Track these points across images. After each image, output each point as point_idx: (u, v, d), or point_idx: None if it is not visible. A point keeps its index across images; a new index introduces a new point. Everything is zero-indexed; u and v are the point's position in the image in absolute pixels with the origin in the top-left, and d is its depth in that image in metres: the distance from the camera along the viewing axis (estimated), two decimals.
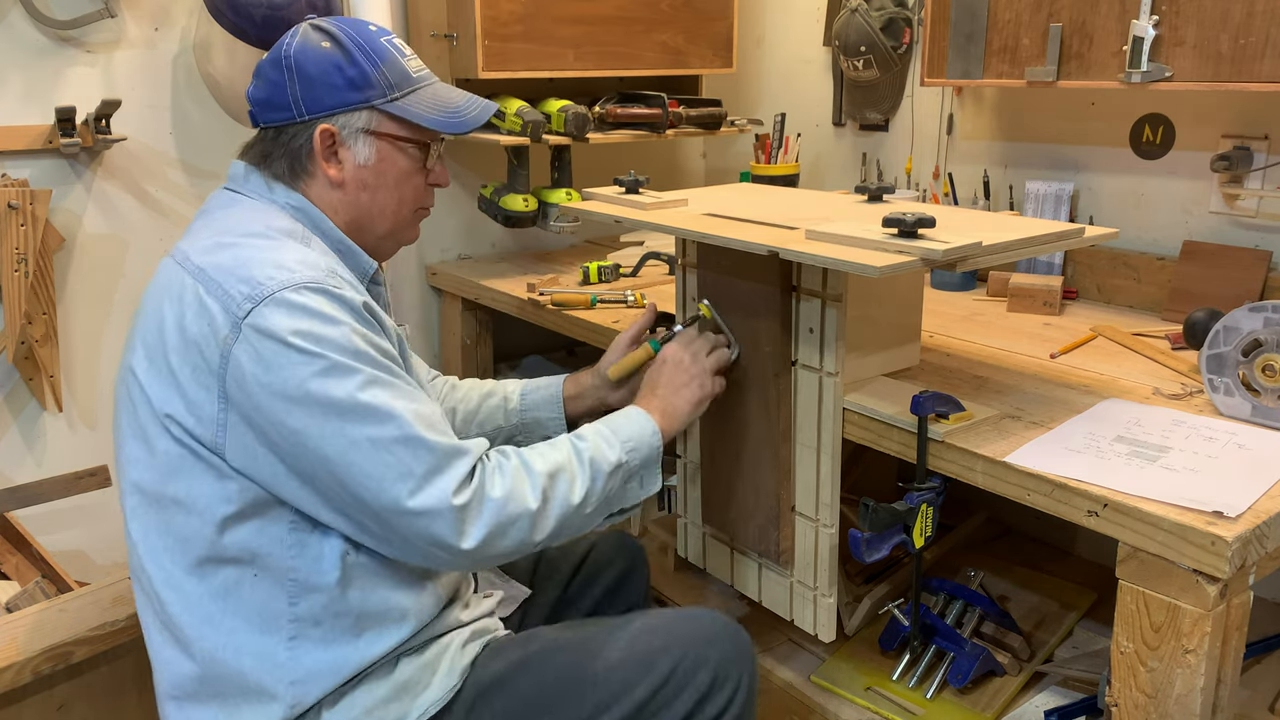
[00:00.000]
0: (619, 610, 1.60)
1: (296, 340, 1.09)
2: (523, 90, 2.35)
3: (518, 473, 1.19)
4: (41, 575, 1.88)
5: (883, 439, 1.40)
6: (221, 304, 1.12)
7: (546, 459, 1.23)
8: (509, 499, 1.17)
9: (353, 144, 1.26)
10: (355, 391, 1.10)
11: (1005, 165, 2.22)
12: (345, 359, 1.11)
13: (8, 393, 2.11)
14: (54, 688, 1.56)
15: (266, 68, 1.26)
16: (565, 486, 1.22)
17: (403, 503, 1.11)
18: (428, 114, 1.28)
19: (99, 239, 2.15)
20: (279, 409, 1.10)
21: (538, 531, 1.19)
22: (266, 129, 1.28)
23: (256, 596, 1.18)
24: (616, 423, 1.33)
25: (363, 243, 1.31)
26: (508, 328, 2.52)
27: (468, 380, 1.65)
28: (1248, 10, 1.60)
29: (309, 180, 1.27)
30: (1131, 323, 1.86)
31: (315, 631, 1.19)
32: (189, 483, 1.16)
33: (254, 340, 1.10)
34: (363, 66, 1.25)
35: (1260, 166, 1.80)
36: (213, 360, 1.11)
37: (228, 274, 1.14)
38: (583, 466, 1.24)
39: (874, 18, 2.25)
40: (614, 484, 1.28)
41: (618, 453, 1.28)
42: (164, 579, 1.19)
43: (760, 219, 1.48)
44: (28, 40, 2.01)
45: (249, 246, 1.18)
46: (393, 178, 1.30)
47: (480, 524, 1.14)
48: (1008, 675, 1.67)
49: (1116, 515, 1.13)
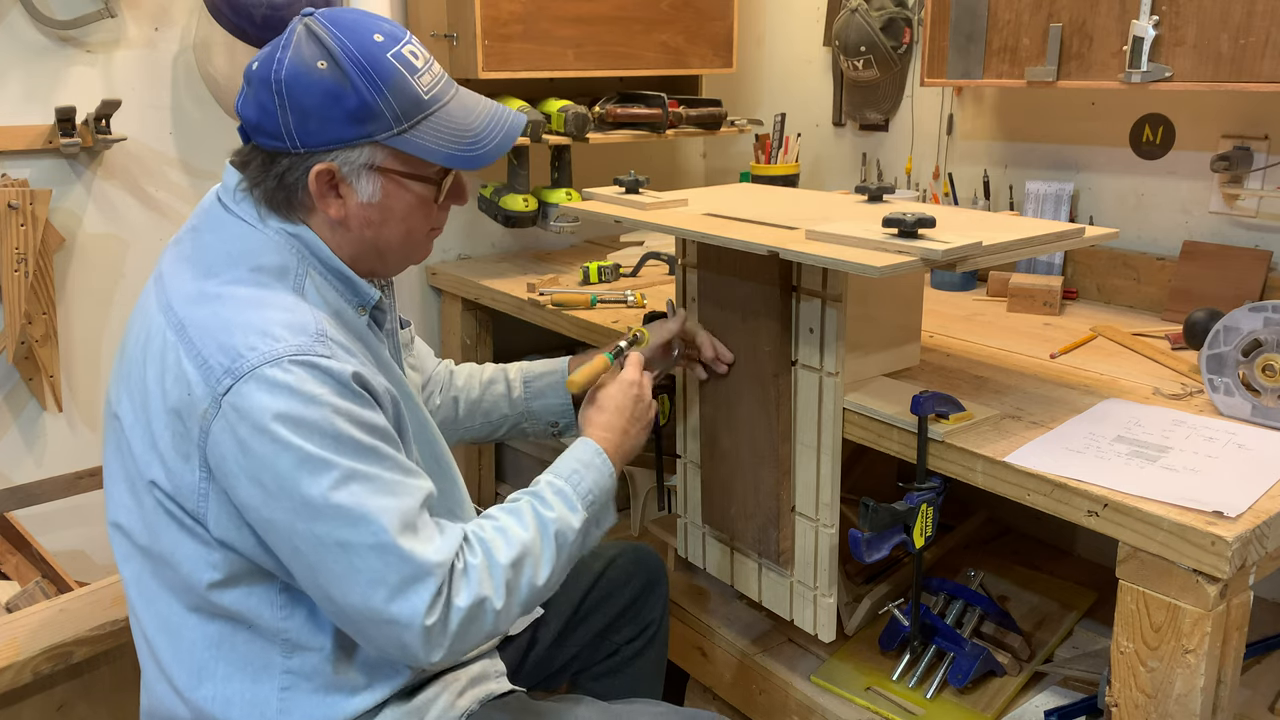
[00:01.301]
0: (635, 628, 1.58)
1: (274, 426, 1.02)
2: (523, 90, 2.35)
3: (482, 573, 1.10)
4: (41, 575, 1.88)
5: (883, 439, 1.40)
6: (201, 374, 1.05)
7: (511, 544, 1.13)
8: (474, 604, 1.09)
9: (354, 181, 1.13)
10: (329, 491, 1.03)
11: (1005, 165, 2.22)
12: (323, 451, 1.03)
13: (8, 393, 2.11)
14: (54, 688, 1.56)
15: (256, 85, 1.11)
16: (530, 572, 1.14)
17: (373, 607, 1.05)
18: (441, 148, 1.13)
19: (99, 239, 2.15)
20: (255, 495, 1.04)
21: (501, 623, 1.12)
22: (258, 148, 1.15)
23: (251, 649, 1.15)
24: (576, 474, 1.23)
25: (368, 270, 1.22)
26: (508, 328, 2.52)
27: (466, 366, 1.61)
28: (1248, 10, 1.60)
29: (307, 214, 1.16)
30: (1131, 323, 1.86)
31: (308, 684, 1.16)
32: (174, 545, 1.12)
33: (232, 419, 1.03)
34: (364, 95, 1.09)
35: (1260, 166, 1.80)
36: (192, 431, 1.06)
37: (208, 338, 1.06)
38: (547, 543, 1.16)
39: (874, 18, 2.25)
40: (578, 544, 1.21)
41: (581, 515, 1.20)
42: (158, 625, 1.16)
43: (760, 219, 1.48)
44: (28, 40, 2.01)
45: (233, 301, 1.09)
46: (400, 213, 1.17)
47: (447, 636, 1.08)
48: (1008, 675, 1.67)
49: (1116, 515, 1.13)
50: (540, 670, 1.53)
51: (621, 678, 1.58)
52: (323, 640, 1.16)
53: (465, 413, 1.57)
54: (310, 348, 1.06)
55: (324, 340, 1.08)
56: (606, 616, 1.57)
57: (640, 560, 1.61)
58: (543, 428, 1.59)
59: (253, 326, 1.06)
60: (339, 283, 1.18)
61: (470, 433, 1.59)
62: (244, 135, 1.18)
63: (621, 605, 1.57)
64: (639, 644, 1.59)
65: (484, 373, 1.60)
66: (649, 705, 1.32)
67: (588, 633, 1.56)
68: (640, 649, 1.59)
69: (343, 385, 1.06)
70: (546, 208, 2.36)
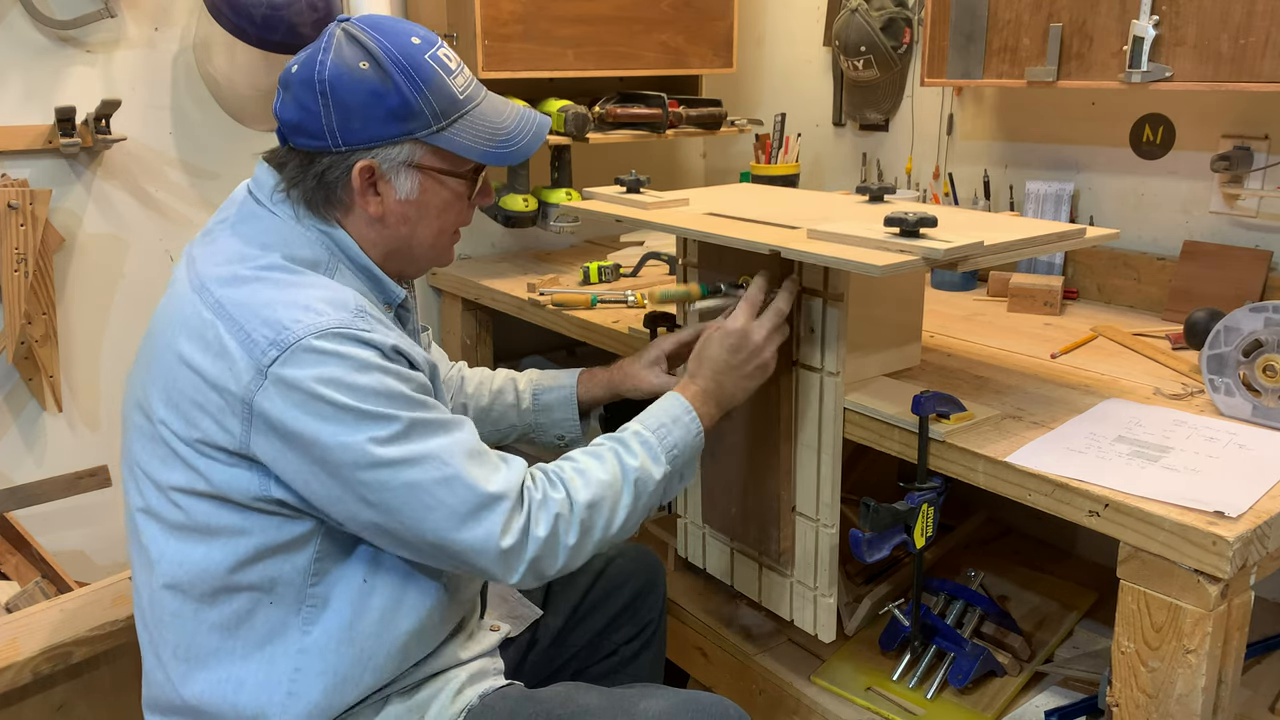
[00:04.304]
0: (634, 627, 1.58)
1: (325, 390, 1.05)
2: (523, 90, 2.34)
3: (562, 508, 1.15)
4: (41, 575, 1.88)
5: (883, 439, 1.40)
6: (244, 348, 1.07)
7: (590, 485, 1.18)
8: (549, 536, 1.14)
9: (394, 178, 1.17)
10: (391, 442, 1.07)
11: (1005, 165, 2.22)
12: (379, 408, 1.06)
13: (8, 393, 2.10)
14: (54, 688, 1.56)
15: (297, 87, 1.14)
16: (607, 514, 1.18)
17: (447, 539, 1.10)
18: (477, 145, 1.18)
19: (99, 239, 2.15)
20: (305, 464, 1.07)
21: (574, 559, 1.17)
22: (295, 150, 1.18)
23: (269, 623, 1.15)
24: (663, 426, 1.26)
25: (396, 269, 1.24)
26: (508, 328, 2.52)
27: (477, 371, 1.62)
28: (1248, 10, 1.60)
29: (345, 212, 1.19)
30: (1132, 323, 1.86)
31: (318, 664, 1.16)
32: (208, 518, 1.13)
33: (280, 390, 1.05)
34: (405, 94, 1.13)
35: (1260, 166, 1.80)
36: (235, 405, 1.07)
37: (250, 314, 1.08)
38: (628, 488, 1.20)
39: (874, 18, 2.25)
40: (658, 494, 1.25)
41: (664, 467, 1.24)
42: (174, 611, 1.16)
43: (761, 219, 1.48)
44: (28, 40, 2.01)
45: (269, 282, 1.11)
46: (435, 209, 1.21)
47: (523, 562, 1.13)
48: (1008, 675, 1.67)
49: (1117, 515, 1.13)
50: (540, 670, 1.53)
51: (620, 677, 1.58)
52: (342, 605, 1.16)
53: (474, 419, 1.56)
54: (351, 322, 1.09)
55: (364, 315, 1.12)
56: (605, 616, 1.57)
57: (639, 561, 1.61)
58: (549, 440, 1.59)
59: (296, 303, 1.09)
60: (367, 281, 1.21)
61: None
62: (281, 137, 1.21)
63: (620, 605, 1.58)
64: (637, 644, 1.59)
65: (494, 381, 1.60)
66: (651, 689, 1.31)
67: (587, 632, 1.56)
68: (639, 649, 1.59)
69: (385, 354, 1.10)
70: (546, 208, 2.36)
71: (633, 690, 1.30)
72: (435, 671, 1.27)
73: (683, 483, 1.30)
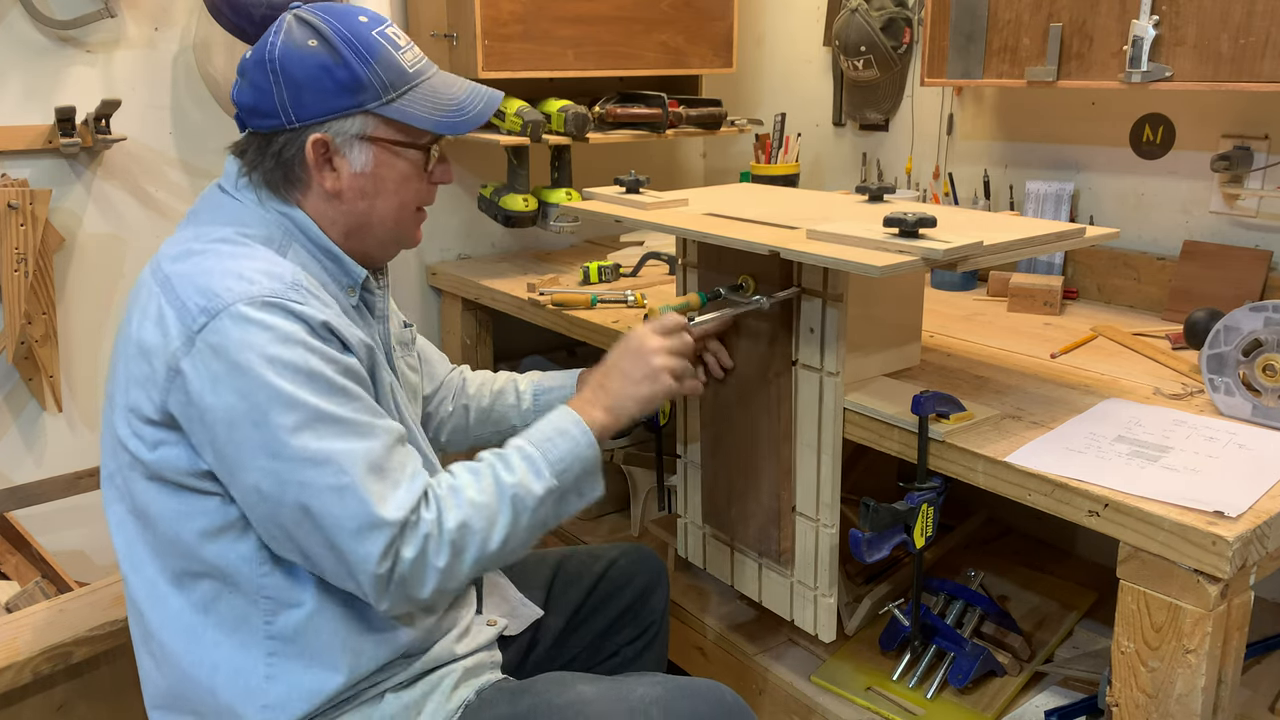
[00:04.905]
0: (636, 629, 1.58)
1: (248, 360, 1.05)
2: (523, 90, 2.34)
3: (431, 529, 1.11)
4: (41, 575, 1.88)
5: (883, 439, 1.40)
6: (178, 314, 1.08)
7: (461, 505, 1.14)
8: (417, 559, 1.10)
9: (348, 151, 1.19)
10: (296, 430, 1.05)
11: (1005, 165, 2.22)
12: (294, 388, 1.06)
13: (8, 393, 2.10)
14: (54, 688, 1.56)
15: (251, 69, 1.18)
16: (480, 536, 1.14)
17: (326, 548, 1.08)
18: (427, 115, 1.20)
19: (99, 239, 2.15)
20: (221, 431, 1.06)
21: (448, 581, 1.13)
22: (254, 134, 1.21)
23: (234, 612, 1.16)
24: (548, 441, 1.22)
25: (360, 249, 1.25)
26: (508, 328, 2.52)
27: (479, 374, 1.62)
28: (1248, 10, 1.60)
29: (304, 191, 1.21)
30: (1132, 323, 1.86)
31: (292, 649, 1.16)
32: (154, 497, 1.14)
33: (206, 356, 1.06)
34: (353, 67, 1.15)
35: (1260, 166, 1.80)
36: (159, 372, 1.09)
37: (188, 283, 1.10)
38: (505, 507, 1.16)
39: (874, 18, 2.25)
40: (545, 511, 1.20)
41: (546, 481, 1.19)
42: (147, 591, 1.18)
43: (761, 219, 1.48)
44: (28, 40, 2.01)
45: (215, 254, 1.13)
46: (392, 183, 1.22)
47: (393, 585, 1.10)
48: (1008, 675, 1.67)
49: (1117, 515, 1.13)
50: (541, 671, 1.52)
51: None
52: (303, 597, 1.15)
53: (476, 421, 1.58)
54: (284, 293, 1.10)
55: (299, 289, 1.12)
56: (607, 618, 1.57)
57: (641, 562, 1.61)
58: None
59: (231, 271, 1.10)
60: (328, 261, 1.22)
61: (480, 440, 1.59)
62: (240, 124, 1.23)
63: (622, 606, 1.58)
64: (639, 645, 1.59)
65: (495, 382, 1.61)
66: (645, 676, 1.31)
67: (588, 634, 1.56)
68: (641, 650, 1.59)
69: (313, 329, 1.10)
70: (546, 208, 2.36)
71: (627, 677, 1.30)
72: (430, 668, 1.26)
73: (582, 499, 1.24)
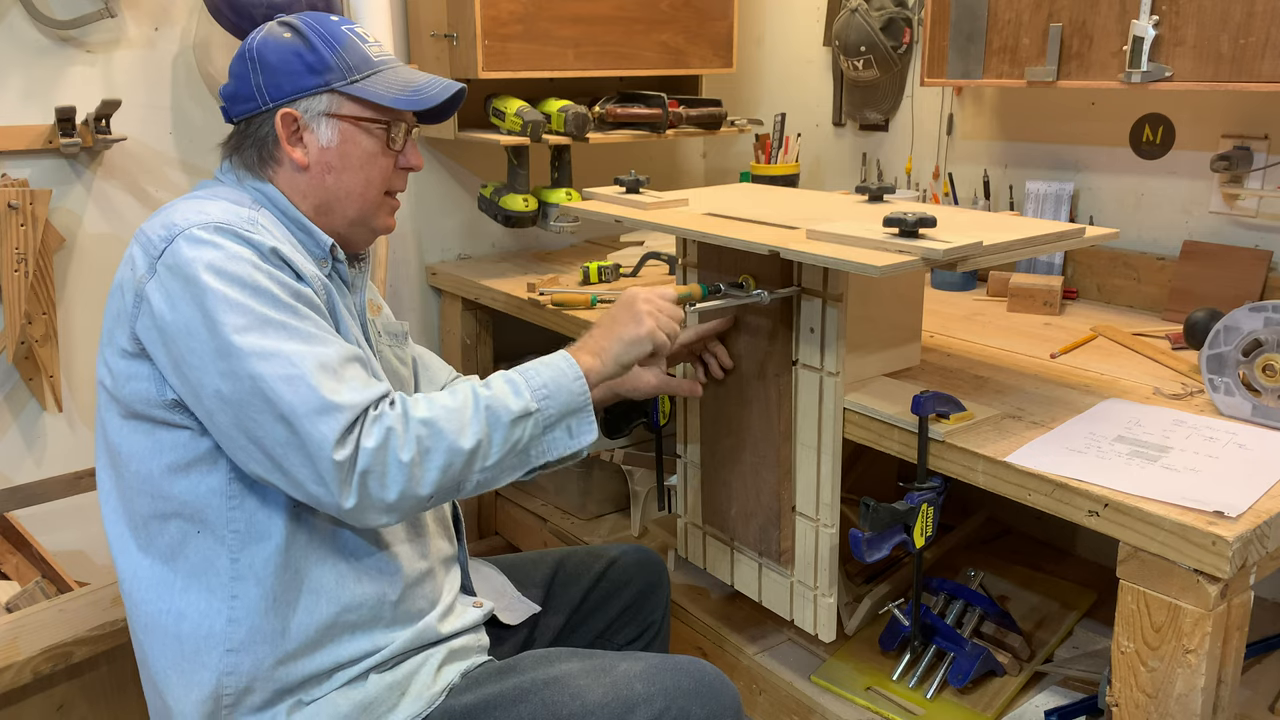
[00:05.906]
0: (636, 629, 1.58)
1: (199, 273, 1.12)
2: (523, 90, 2.35)
3: (395, 421, 1.13)
4: (41, 575, 1.88)
5: (883, 439, 1.40)
6: (143, 248, 1.17)
7: (432, 407, 1.16)
8: (380, 446, 1.11)
9: (315, 127, 1.27)
10: (244, 330, 1.10)
11: (1005, 165, 2.22)
12: (243, 297, 1.12)
13: (8, 393, 2.10)
14: (54, 688, 1.56)
15: (234, 65, 1.29)
16: (450, 436, 1.14)
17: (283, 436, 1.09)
18: (387, 93, 1.28)
19: (99, 239, 2.15)
20: (179, 348, 1.12)
21: (414, 481, 1.13)
22: (238, 123, 1.30)
23: (200, 554, 1.18)
24: (531, 369, 1.26)
25: (330, 225, 1.30)
26: (508, 328, 2.52)
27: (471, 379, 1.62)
28: (1248, 10, 1.60)
29: (276, 167, 1.29)
30: (1132, 323, 1.86)
31: (257, 590, 1.18)
32: (127, 436, 1.20)
33: (164, 277, 1.13)
34: (321, 52, 1.27)
35: (1260, 166, 1.80)
36: (128, 301, 1.16)
37: (155, 223, 1.19)
38: (476, 414, 1.17)
39: (874, 18, 2.25)
40: (523, 433, 1.20)
41: (524, 401, 1.20)
42: (120, 546, 1.23)
43: (761, 219, 1.48)
44: (28, 40, 2.01)
45: (182, 203, 1.22)
46: (357, 159, 1.29)
47: (355, 476, 1.10)
48: (1008, 675, 1.67)
49: (1117, 515, 1.13)
50: None
51: None
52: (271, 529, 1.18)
53: None
54: (237, 222, 1.18)
55: (254, 224, 1.20)
56: (607, 617, 1.57)
57: (642, 562, 1.61)
58: None
59: (191, 209, 1.19)
60: (298, 230, 1.28)
61: None
62: (226, 116, 1.32)
63: (622, 606, 1.57)
64: (640, 645, 1.59)
65: None
66: (630, 653, 1.33)
67: (588, 633, 1.56)
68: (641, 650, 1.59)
69: (263, 254, 1.16)
70: (546, 208, 2.36)
71: (612, 653, 1.32)
72: (414, 647, 1.27)
73: (574, 440, 1.25)
